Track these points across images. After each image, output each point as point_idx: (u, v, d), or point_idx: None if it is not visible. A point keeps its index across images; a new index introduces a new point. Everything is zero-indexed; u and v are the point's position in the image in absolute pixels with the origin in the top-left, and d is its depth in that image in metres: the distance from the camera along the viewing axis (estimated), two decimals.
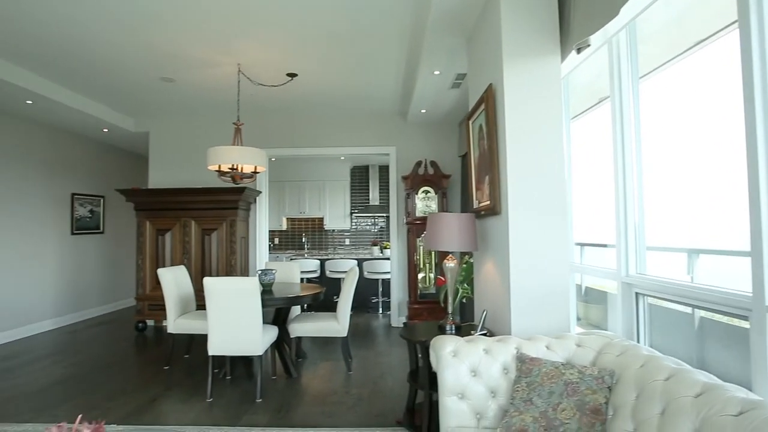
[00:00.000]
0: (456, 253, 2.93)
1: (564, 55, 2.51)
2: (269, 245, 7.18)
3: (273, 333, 3.71)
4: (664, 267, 2.22)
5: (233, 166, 4.09)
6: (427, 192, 5.77)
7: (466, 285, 3.57)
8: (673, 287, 1.95)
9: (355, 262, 6.98)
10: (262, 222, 6.27)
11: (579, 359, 1.94)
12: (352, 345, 4.69)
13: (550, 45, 2.50)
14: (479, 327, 2.52)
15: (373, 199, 8.71)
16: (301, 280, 5.57)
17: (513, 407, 1.82)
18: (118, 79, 4.73)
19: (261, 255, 6.21)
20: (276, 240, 8.94)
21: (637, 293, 2.24)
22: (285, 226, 8.92)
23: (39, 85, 4.60)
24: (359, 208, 8.76)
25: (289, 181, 8.55)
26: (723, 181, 1.84)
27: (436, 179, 5.75)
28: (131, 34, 3.62)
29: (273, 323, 3.96)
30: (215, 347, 3.43)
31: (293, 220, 8.97)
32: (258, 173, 4.32)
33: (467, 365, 1.98)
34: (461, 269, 3.54)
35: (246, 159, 4.02)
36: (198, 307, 4.60)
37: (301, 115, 6.14)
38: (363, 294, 7.14)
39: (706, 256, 2.03)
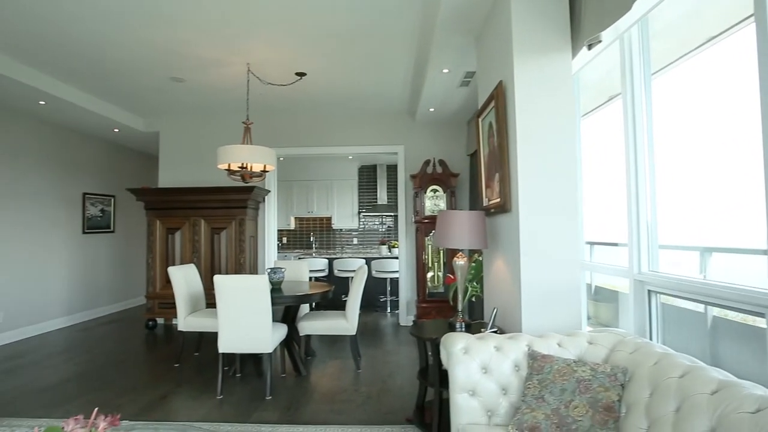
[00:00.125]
0: (465, 251, 2.93)
1: (575, 52, 2.49)
2: (277, 245, 7.21)
3: (282, 331, 3.72)
4: (676, 265, 2.19)
5: (243, 165, 4.12)
6: (436, 191, 5.76)
7: (475, 283, 3.55)
8: (687, 284, 1.93)
9: (364, 261, 6.98)
10: (270, 221, 6.29)
11: (591, 357, 1.93)
12: (360, 344, 4.69)
13: (560, 41, 2.48)
14: (489, 325, 2.51)
15: (381, 199, 8.72)
16: (310, 279, 5.59)
17: (524, 404, 1.82)
18: (128, 80, 4.78)
19: (269, 254, 6.23)
20: (284, 239, 8.97)
21: (650, 291, 2.22)
22: (293, 225, 8.95)
23: (51, 86, 4.66)
24: (367, 207, 8.77)
25: (297, 181, 8.58)
26: (737, 179, 1.82)
27: (444, 178, 5.73)
28: (142, 34, 3.66)
29: (282, 321, 3.97)
30: (225, 344, 3.45)
31: (301, 219, 9.00)
32: (267, 172, 4.34)
33: (478, 362, 1.97)
34: (470, 267, 3.53)
35: (256, 158, 4.05)
36: (208, 306, 4.63)
37: (310, 115, 6.15)
38: (371, 293, 7.14)
39: (719, 254, 2.01)
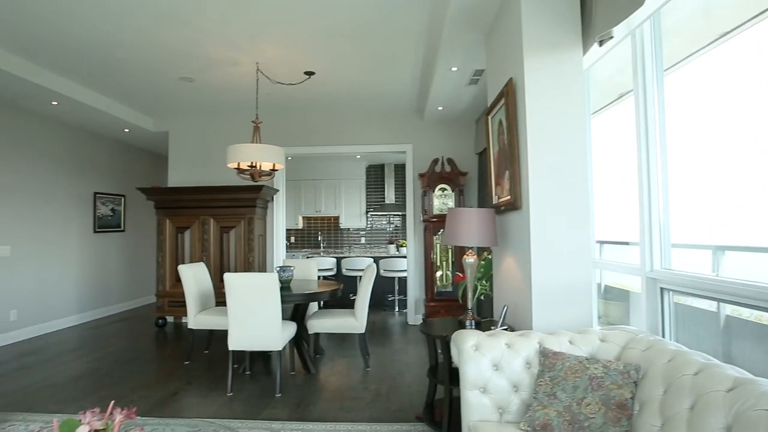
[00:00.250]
0: (474, 249, 2.92)
1: (586, 48, 2.47)
2: (285, 244, 7.25)
3: (292, 329, 3.73)
4: (688, 264, 2.17)
5: (252, 163, 4.14)
6: (444, 189, 5.75)
7: (484, 282, 3.54)
8: (700, 281, 1.91)
9: (372, 260, 6.99)
10: (279, 220, 6.32)
11: (603, 354, 1.92)
12: (368, 342, 4.69)
13: (571, 38, 2.47)
14: (500, 322, 2.50)
15: (389, 198, 8.72)
16: (318, 278, 5.60)
17: (536, 401, 1.81)
18: (138, 80, 4.82)
19: (278, 253, 6.26)
20: (292, 239, 9.00)
21: (662, 288, 2.20)
22: (301, 224, 8.98)
23: (63, 86, 4.72)
24: (375, 206, 8.77)
25: (305, 180, 8.61)
26: (750, 177, 1.79)
27: (453, 177, 5.72)
28: (152, 35, 3.69)
29: (291, 319, 3.99)
30: (235, 342, 3.46)
31: (309, 218, 9.02)
32: (276, 171, 4.36)
33: (489, 359, 1.97)
34: (480, 266, 3.52)
35: (265, 156, 4.06)
36: (217, 304, 4.66)
37: (318, 114, 6.17)
38: (379, 292, 7.13)
39: (731, 252, 1.99)
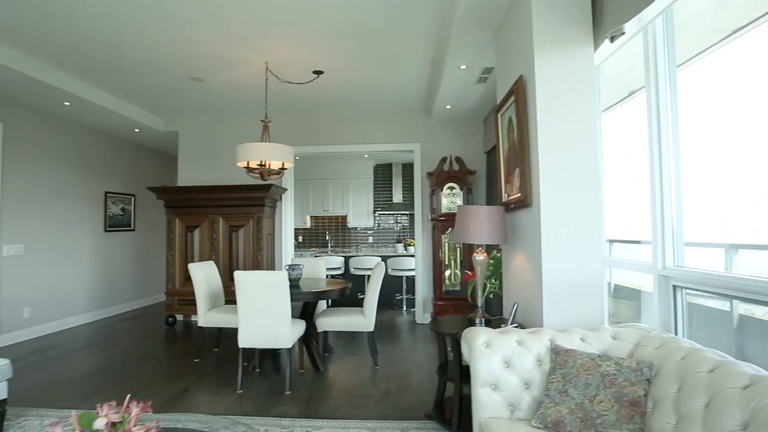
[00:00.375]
0: (483, 247, 2.91)
1: (597, 44, 2.46)
2: (294, 243, 7.28)
3: (301, 327, 3.75)
4: (700, 263, 2.15)
5: (261, 162, 4.16)
6: (453, 188, 5.74)
7: (493, 280, 3.53)
8: (714, 278, 1.89)
9: (380, 259, 6.99)
10: (287, 219, 6.34)
11: (615, 352, 1.91)
12: (377, 341, 4.70)
13: (582, 34, 2.45)
14: (510, 320, 2.49)
15: (396, 197, 8.72)
16: (326, 276, 5.61)
17: (548, 398, 1.80)
18: (148, 81, 4.86)
19: (286, 252, 6.28)
20: (300, 238, 9.03)
21: (675, 286, 2.18)
22: (309, 224, 9.01)
23: (76, 87, 4.77)
24: (382, 206, 8.78)
25: (313, 180, 8.64)
26: (765, 174, 1.77)
27: (461, 175, 5.71)
28: (161, 35, 3.72)
29: (300, 318, 4.00)
30: (246, 340, 3.48)
31: (317, 218, 9.05)
32: (285, 170, 4.38)
33: (500, 356, 1.96)
34: (489, 264, 3.51)
35: (275, 155, 4.08)
36: (226, 302, 4.69)
37: (326, 113, 6.18)
38: (387, 291, 7.13)
39: (744, 251, 1.96)
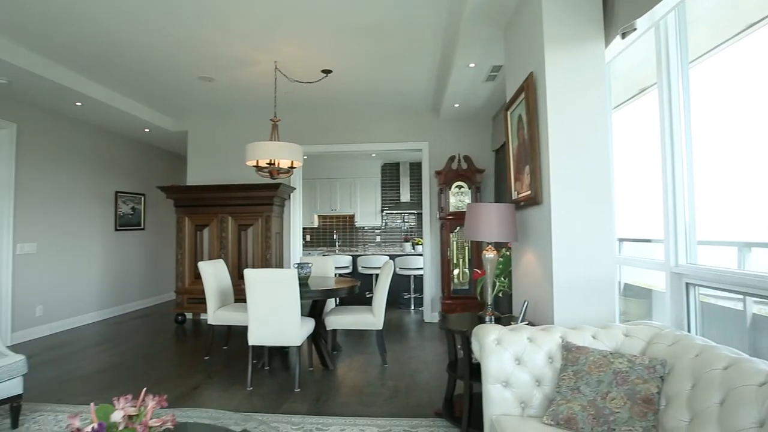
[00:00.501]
0: (493, 245, 2.90)
1: (608, 41, 2.44)
2: (302, 242, 7.31)
3: (310, 325, 3.76)
4: (713, 261, 2.13)
5: (271, 161, 4.18)
6: (461, 187, 5.72)
7: (503, 278, 3.52)
8: (727, 275, 1.87)
9: (388, 257, 7.00)
10: (296, 218, 6.37)
11: (627, 349, 1.90)
12: (385, 340, 4.70)
13: (593, 30, 2.44)
14: (520, 318, 2.49)
15: (404, 196, 8.72)
16: (334, 275, 5.63)
17: (559, 395, 1.79)
18: (158, 81, 4.91)
19: (295, 251, 6.31)
20: (308, 237, 9.06)
21: (688, 284, 2.16)
22: (316, 223, 9.03)
23: (87, 88, 4.82)
24: (390, 205, 8.78)
25: (321, 179, 8.67)
26: None
27: (469, 174, 5.69)
28: (171, 35, 3.75)
29: (309, 316, 4.02)
30: (255, 337, 3.50)
31: (324, 217, 9.07)
32: (294, 168, 4.39)
33: (511, 353, 1.96)
34: (498, 262, 3.50)
35: (284, 154, 4.09)
36: (236, 300, 4.72)
37: (334, 112, 6.20)
38: (395, 290, 7.10)
39: (758, 249, 1.94)
